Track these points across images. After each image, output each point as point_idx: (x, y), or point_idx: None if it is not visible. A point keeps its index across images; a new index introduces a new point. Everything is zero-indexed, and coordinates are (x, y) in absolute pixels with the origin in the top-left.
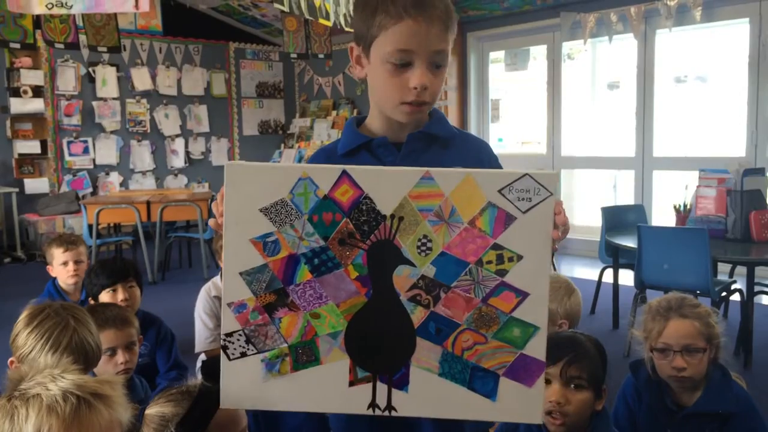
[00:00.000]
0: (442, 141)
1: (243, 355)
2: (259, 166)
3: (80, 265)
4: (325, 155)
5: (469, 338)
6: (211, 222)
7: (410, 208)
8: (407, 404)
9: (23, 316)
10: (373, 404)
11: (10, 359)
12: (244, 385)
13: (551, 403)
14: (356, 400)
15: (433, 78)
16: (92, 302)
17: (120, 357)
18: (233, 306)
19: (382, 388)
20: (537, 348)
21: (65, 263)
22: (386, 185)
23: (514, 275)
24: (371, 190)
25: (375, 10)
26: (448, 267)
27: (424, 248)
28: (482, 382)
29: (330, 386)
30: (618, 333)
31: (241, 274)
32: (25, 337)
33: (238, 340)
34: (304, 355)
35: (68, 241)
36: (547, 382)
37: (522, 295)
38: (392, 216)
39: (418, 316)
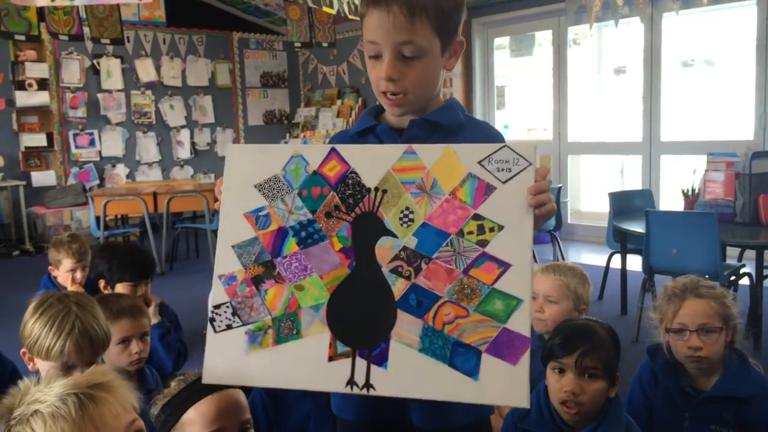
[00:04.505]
0: (444, 129)
1: (228, 327)
2: (256, 147)
3: (85, 271)
4: (340, 136)
5: (450, 311)
6: (216, 205)
7: (393, 181)
8: (386, 382)
9: (29, 308)
10: (351, 381)
11: (22, 350)
12: (227, 358)
13: (566, 393)
14: (335, 377)
15: (405, 69)
16: (102, 284)
17: (134, 347)
18: (223, 278)
19: (361, 364)
20: (521, 322)
21: (73, 270)
22: (371, 160)
23: (496, 246)
24: (357, 165)
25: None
26: (429, 238)
27: (406, 219)
28: (464, 358)
29: (309, 361)
30: (626, 318)
31: (233, 247)
32: (30, 327)
33: (226, 312)
34: (287, 328)
35: (79, 252)
36: (562, 372)
37: (504, 266)
38: (376, 189)
39: (399, 287)
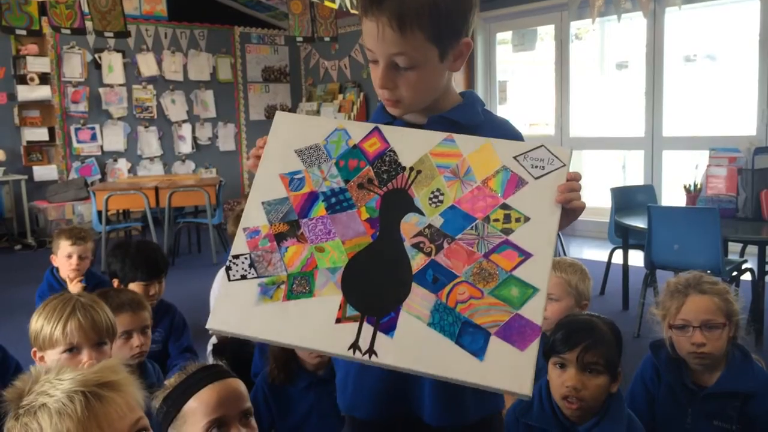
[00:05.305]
0: (462, 127)
1: (243, 277)
2: (304, 117)
3: (84, 261)
4: None
5: (465, 291)
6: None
7: (429, 164)
8: (390, 351)
9: (35, 312)
10: (355, 345)
11: (33, 350)
12: (235, 307)
13: (568, 388)
14: (339, 339)
15: (399, 78)
16: (116, 284)
17: (135, 340)
18: (248, 231)
19: (367, 330)
20: (534, 311)
21: (70, 256)
22: (411, 142)
23: (520, 235)
24: (397, 145)
25: None
26: (455, 220)
27: (435, 200)
28: (472, 338)
29: (316, 320)
30: (628, 314)
31: (263, 203)
32: (35, 323)
33: (243, 263)
34: (300, 285)
35: (78, 236)
36: (564, 367)
37: (525, 255)
38: (411, 168)
39: (418, 262)
